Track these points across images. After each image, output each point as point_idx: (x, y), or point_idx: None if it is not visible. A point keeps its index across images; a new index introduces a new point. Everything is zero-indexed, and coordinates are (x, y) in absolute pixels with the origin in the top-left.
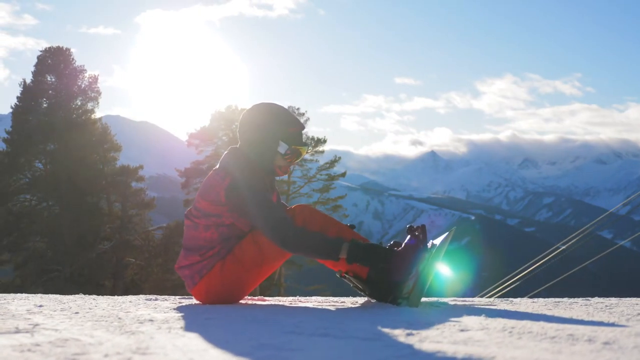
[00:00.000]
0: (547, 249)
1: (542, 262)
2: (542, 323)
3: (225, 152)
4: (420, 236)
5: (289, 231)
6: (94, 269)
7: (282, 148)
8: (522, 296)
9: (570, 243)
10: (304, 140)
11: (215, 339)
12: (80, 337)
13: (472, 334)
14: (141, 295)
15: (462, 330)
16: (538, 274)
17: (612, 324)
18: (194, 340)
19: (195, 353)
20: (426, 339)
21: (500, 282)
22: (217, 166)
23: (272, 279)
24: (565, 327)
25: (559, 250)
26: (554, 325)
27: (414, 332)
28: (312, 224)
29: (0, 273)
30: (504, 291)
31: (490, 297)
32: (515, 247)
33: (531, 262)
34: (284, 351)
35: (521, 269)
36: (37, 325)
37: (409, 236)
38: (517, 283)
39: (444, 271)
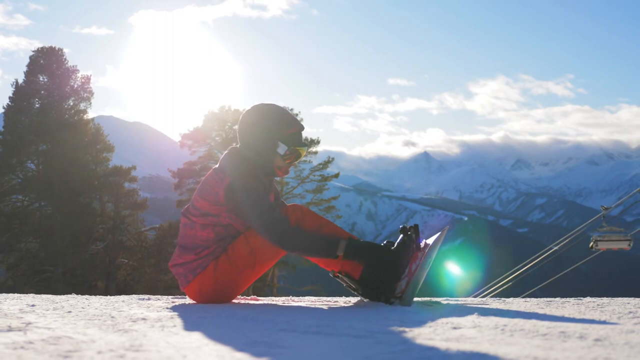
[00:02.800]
0: (540, 249)
1: (534, 262)
2: (533, 321)
3: (225, 151)
4: (413, 236)
5: (285, 230)
6: (87, 269)
7: (281, 149)
8: (515, 297)
9: (562, 244)
10: (303, 141)
11: (208, 337)
12: (73, 335)
13: (464, 331)
14: (134, 295)
15: (454, 328)
16: (531, 275)
17: (604, 322)
18: (187, 338)
19: (189, 350)
20: (419, 337)
21: (493, 282)
22: (217, 166)
23: (265, 279)
24: (557, 325)
25: (551, 251)
26: (546, 323)
27: (406, 329)
28: (306, 224)
29: None
30: (497, 291)
31: (483, 297)
32: (508, 248)
33: (524, 263)
34: (276, 348)
35: (514, 269)
36: (29, 323)
37: (401, 236)
38: (510, 284)
39: (452, 270)
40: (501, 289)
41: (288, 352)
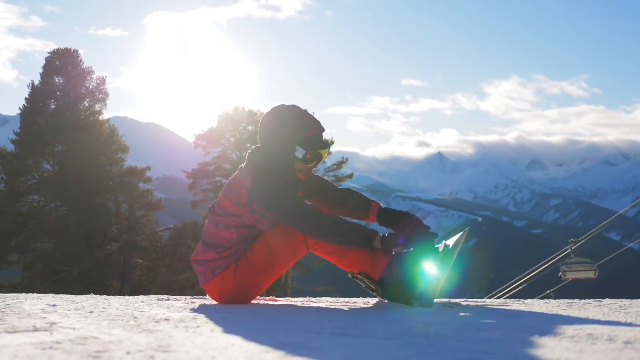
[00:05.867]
0: (555, 251)
1: (549, 264)
2: (559, 323)
3: (249, 151)
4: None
5: (322, 218)
6: (102, 270)
7: (300, 153)
8: (531, 298)
9: (578, 245)
10: (324, 142)
11: (234, 338)
12: (100, 335)
13: (490, 334)
14: (153, 296)
15: (479, 330)
16: (546, 276)
17: (630, 324)
18: (213, 339)
19: (217, 351)
20: (446, 339)
21: (509, 284)
22: (243, 166)
23: (280, 280)
24: (583, 327)
25: (566, 253)
26: (572, 326)
27: (432, 332)
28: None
29: (8, 274)
30: (512, 292)
31: (498, 298)
32: (522, 249)
33: (540, 264)
34: (306, 349)
35: (529, 271)
36: (54, 324)
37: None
38: (525, 285)
39: (430, 271)
40: (516, 290)
41: (319, 354)
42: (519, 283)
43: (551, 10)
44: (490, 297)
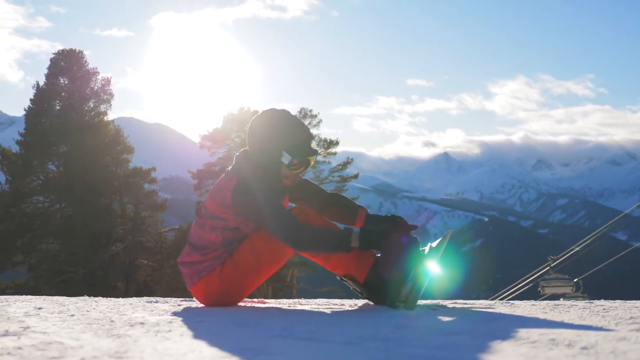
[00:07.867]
0: (561, 250)
1: (556, 263)
2: (529, 327)
3: (237, 153)
4: (417, 239)
5: (299, 231)
6: (107, 270)
7: (286, 159)
8: (536, 298)
9: (584, 244)
10: (313, 147)
11: (198, 343)
12: (66, 340)
13: (456, 338)
14: (143, 298)
15: (447, 334)
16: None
17: (599, 328)
18: (177, 344)
19: (173, 357)
20: (407, 344)
21: (513, 284)
22: (229, 168)
23: (285, 280)
24: (550, 332)
25: (572, 252)
26: (540, 330)
27: (397, 336)
28: (313, 224)
29: (13, 275)
30: (516, 293)
31: (502, 299)
32: (528, 249)
33: (545, 264)
34: (262, 355)
35: (534, 271)
36: (27, 328)
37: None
38: (528, 286)
39: (434, 271)
40: (520, 290)
41: (273, 359)
42: (518, 287)
43: (556, 10)
44: (494, 299)
